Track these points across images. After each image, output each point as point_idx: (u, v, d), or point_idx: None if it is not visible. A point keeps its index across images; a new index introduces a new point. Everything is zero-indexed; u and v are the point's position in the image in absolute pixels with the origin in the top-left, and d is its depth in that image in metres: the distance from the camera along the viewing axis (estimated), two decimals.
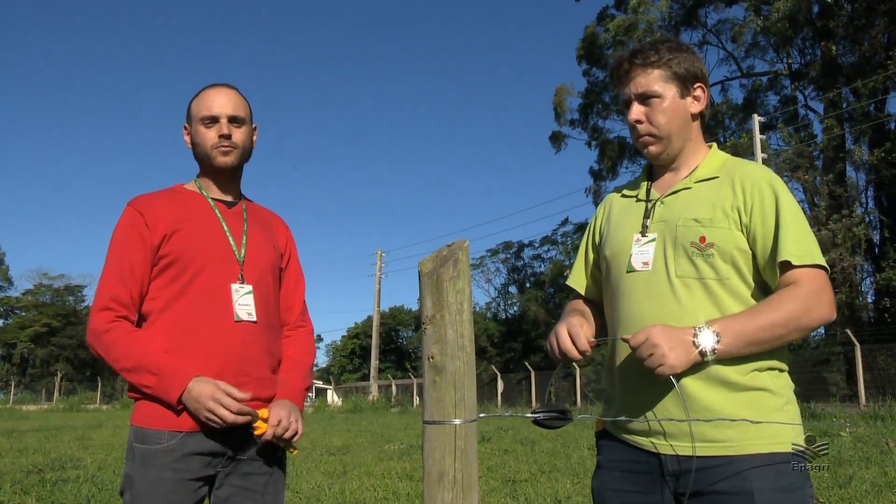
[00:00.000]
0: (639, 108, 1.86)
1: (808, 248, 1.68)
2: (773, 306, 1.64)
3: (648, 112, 1.85)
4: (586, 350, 1.73)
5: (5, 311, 65.39)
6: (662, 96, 1.84)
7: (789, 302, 1.64)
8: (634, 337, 1.63)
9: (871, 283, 27.76)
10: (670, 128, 1.85)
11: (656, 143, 1.87)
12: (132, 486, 2.01)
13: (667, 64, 1.84)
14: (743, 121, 31.28)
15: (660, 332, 1.60)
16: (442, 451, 1.31)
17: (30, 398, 48.55)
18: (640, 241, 1.84)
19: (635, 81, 1.85)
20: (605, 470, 1.85)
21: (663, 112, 1.84)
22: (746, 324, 1.63)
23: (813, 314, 1.65)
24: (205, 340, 2.06)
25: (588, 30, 35.17)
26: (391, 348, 60.53)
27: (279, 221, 2.42)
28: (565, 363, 1.77)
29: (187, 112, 2.25)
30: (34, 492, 6.63)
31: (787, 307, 1.63)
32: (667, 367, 1.58)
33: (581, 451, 9.42)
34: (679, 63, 1.85)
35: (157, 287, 2.11)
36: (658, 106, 1.84)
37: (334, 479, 7.43)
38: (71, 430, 15.33)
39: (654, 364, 1.59)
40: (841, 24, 27.29)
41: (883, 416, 12.97)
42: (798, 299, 1.64)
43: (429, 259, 1.37)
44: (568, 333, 1.74)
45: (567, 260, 42.29)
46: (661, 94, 1.84)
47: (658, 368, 1.59)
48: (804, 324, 1.64)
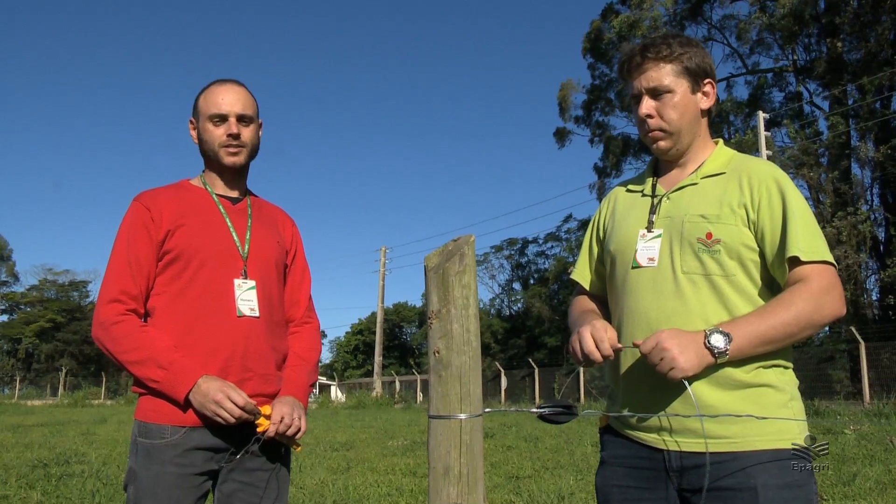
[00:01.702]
0: (650, 102, 1.83)
1: (816, 244, 1.68)
2: (784, 305, 1.63)
3: (659, 107, 1.83)
4: (609, 355, 1.70)
5: (10, 306, 65.64)
6: (674, 91, 1.82)
7: (800, 300, 1.62)
8: (644, 342, 1.62)
9: (875, 281, 27.69)
10: (681, 123, 1.83)
11: (666, 139, 1.85)
12: (136, 481, 2.01)
13: (679, 58, 1.82)
14: (748, 117, 31.21)
15: (670, 337, 1.59)
16: (447, 446, 1.31)
17: (35, 393, 48.69)
18: (645, 236, 1.83)
19: (647, 75, 1.83)
20: (609, 466, 1.84)
21: (674, 107, 1.82)
22: (758, 324, 1.62)
23: (824, 311, 1.63)
24: (207, 336, 2.06)
25: (593, 25, 35.12)
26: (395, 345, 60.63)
27: (285, 217, 2.41)
28: (587, 365, 1.74)
29: (194, 107, 2.24)
30: (39, 486, 6.66)
31: (797, 305, 1.62)
32: (678, 370, 1.57)
33: (584, 447, 9.42)
34: (690, 58, 1.83)
35: (161, 282, 2.11)
36: (669, 101, 1.82)
37: (338, 475, 7.44)
38: (75, 425, 15.38)
39: (665, 368, 1.58)
40: (847, 20, 27.18)
41: (887, 413, 12.92)
42: (808, 297, 1.62)
43: (435, 254, 1.37)
44: (592, 336, 1.71)
45: (571, 256, 42.26)
46: (673, 89, 1.82)
47: (670, 372, 1.58)
48: (815, 321, 1.63)
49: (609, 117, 36.78)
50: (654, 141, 1.86)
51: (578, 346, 1.72)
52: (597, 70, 36.12)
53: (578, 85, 37.59)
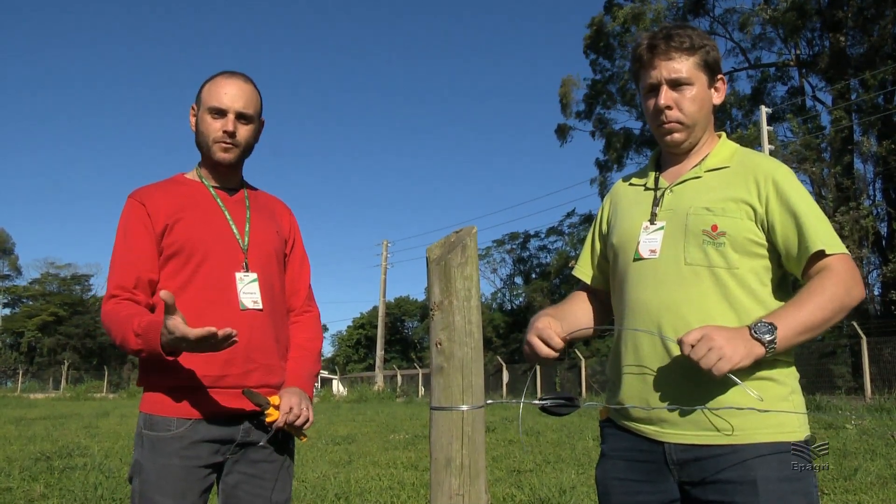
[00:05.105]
0: (670, 93, 1.81)
1: (834, 236, 1.70)
2: (818, 291, 1.63)
3: (678, 99, 1.80)
4: (561, 346, 1.75)
5: (13, 300, 65.70)
6: (693, 84, 1.80)
7: (830, 284, 1.63)
8: (688, 335, 1.57)
9: (877, 276, 27.67)
10: (698, 117, 1.82)
11: (683, 131, 1.83)
12: (141, 473, 2.02)
13: (699, 51, 1.80)
14: (750, 112, 31.14)
15: (716, 329, 1.57)
16: (449, 437, 1.32)
17: (37, 386, 48.75)
18: (648, 228, 1.82)
19: (668, 66, 1.79)
20: (609, 459, 1.85)
21: (693, 100, 1.81)
22: (797, 312, 1.61)
23: (853, 293, 1.65)
24: None
25: (595, 19, 34.99)
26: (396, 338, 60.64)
27: (282, 206, 2.41)
28: (545, 364, 1.82)
29: (198, 94, 2.22)
30: (42, 479, 6.68)
31: (829, 290, 1.63)
32: (725, 360, 1.52)
33: (586, 441, 9.43)
34: (708, 52, 1.82)
35: (163, 278, 2.11)
36: (689, 93, 1.80)
37: (339, 469, 7.46)
38: (78, 419, 15.40)
39: (712, 361, 1.53)
40: (850, 14, 27.08)
41: (888, 408, 12.93)
42: (838, 280, 1.64)
43: (437, 245, 1.37)
44: (539, 339, 1.75)
45: (573, 251, 42.22)
46: (693, 82, 1.80)
47: (718, 363, 1.53)
48: (847, 303, 1.64)
49: (611, 111, 36.76)
50: (669, 132, 1.84)
51: (531, 353, 1.78)
52: (598, 65, 36.05)
53: (580, 81, 37.54)
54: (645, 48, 1.83)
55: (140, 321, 1.93)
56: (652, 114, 1.85)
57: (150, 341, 1.88)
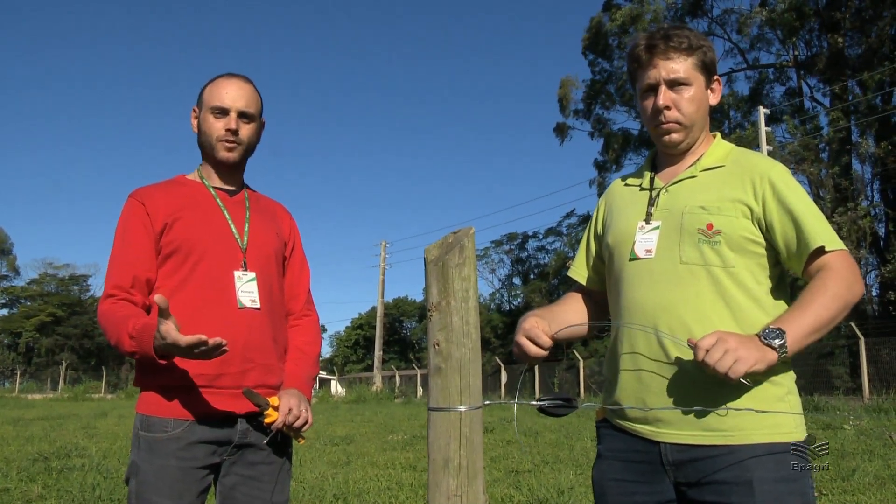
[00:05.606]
0: (668, 93, 1.81)
1: (831, 232, 1.70)
2: (820, 290, 1.64)
3: (676, 99, 1.81)
4: (549, 344, 1.77)
5: (11, 300, 65.64)
6: (692, 85, 1.81)
7: (832, 282, 1.64)
8: (703, 339, 1.57)
9: (875, 277, 27.69)
10: (695, 117, 1.83)
11: (681, 132, 1.83)
12: (138, 474, 2.02)
13: (698, 52, 1.81)
14: (748, 112, 31.15)
15: (730, 334, 1.57)
16: (447, 438, 1.31)
17: (35, 387, 48.66)
18: (644, 228, 1.82)
19: (667, 66, 1.80)
20: (606, 460, 1.84)
21: (691, 100, 1.81)
22: (802, 314, 1.61)
23: (854, 289, 1.66)
24: (208, 328, 2.04)
25: (594, 19, 35.01)
26: (395, 339, 60.66)
27: (282, 210, 2.42)
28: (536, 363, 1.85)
29: (199, 96, 2.24)
30: (40, 479, 6.67)
31: (831, 288, 1.63)
32: (742, 362, 1.52)
33: (584, 441, 9.43)
34: (705, 53, 1.82)
35: (161, 276, 2.12)
36: (687, 94, 1.81)
37: (338, 469, 7.46)
38: (76, 419, 15.39)
39: (729, 362, 1.52)
40: (848, 15, 27.12)
41: (886, 409, 12.94)
42: (839, 278, 1.64)
43: (434, 246, 1.37)
44: (527, 339, 1.76)
45: (571, 252, 42.24)
46: (692, 83, 1.81)
47: (734, 366, 1.52)
48: (849, 300, 1.65)
49: (609, 112, 36.76)
50: (667, 133, 1.84)
51: (521, 352, 1.79)
52: (597, 64, 36.06)
53: (578, 81, 37.55)
54: (643, 48, 1.83)
55: (135, 323, 1.93)
56: (650, 114, 1.85)
57: (144, 344, 1.89)
